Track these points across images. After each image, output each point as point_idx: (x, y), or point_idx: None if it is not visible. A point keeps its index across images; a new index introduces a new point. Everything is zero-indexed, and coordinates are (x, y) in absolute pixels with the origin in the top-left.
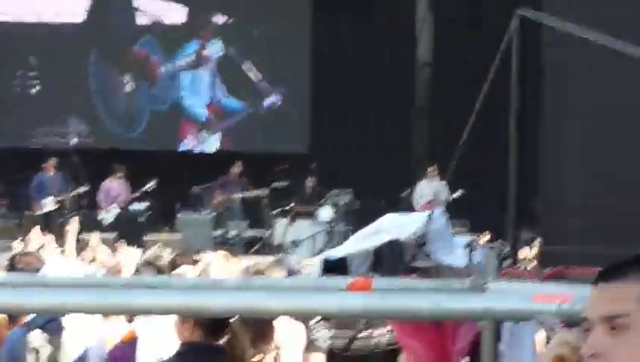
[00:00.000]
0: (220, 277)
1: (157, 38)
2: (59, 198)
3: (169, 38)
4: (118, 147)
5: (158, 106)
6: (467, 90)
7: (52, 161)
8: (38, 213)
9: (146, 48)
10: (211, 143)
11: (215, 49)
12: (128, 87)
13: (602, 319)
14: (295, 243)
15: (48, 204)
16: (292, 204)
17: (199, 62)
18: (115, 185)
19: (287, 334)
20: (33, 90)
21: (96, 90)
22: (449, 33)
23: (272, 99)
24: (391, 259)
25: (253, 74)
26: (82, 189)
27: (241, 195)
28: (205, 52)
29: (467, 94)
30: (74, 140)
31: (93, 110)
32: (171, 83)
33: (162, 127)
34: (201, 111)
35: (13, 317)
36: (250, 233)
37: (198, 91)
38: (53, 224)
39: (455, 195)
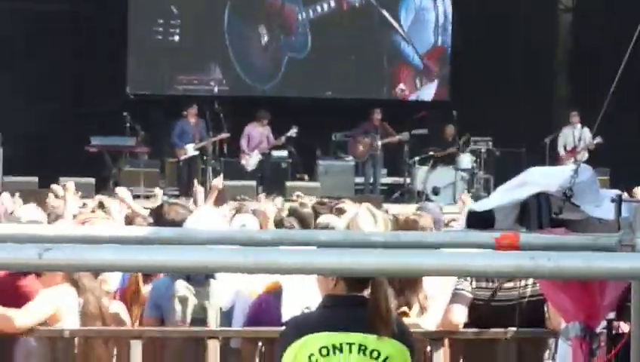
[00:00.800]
0: (368, 230)
1: None
2: (200, 145)
3: None
4: (256, 95)
5: (296, 54)
6: (614, 36)
7: (193, 109)
8: (182, 158)
9: None
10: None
11: None
12: (265, 38)
13: None
14: (436, 191)
15: (190, 150)
16: (432, 152)
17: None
18: (258, 132)
19: (435, 285)
20: (174, 38)
21: (231, 41)
22: None
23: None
24: (538, 212)
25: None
26: (224, 135)
27: (382, 141)
28: None
29: (614, 41)
30: (216, 88)
31: (229, 59)
32: (307, 30)
33: (300, 74)
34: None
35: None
36: (391, 180)
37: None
38: (194, 171)
39: (597, 141)
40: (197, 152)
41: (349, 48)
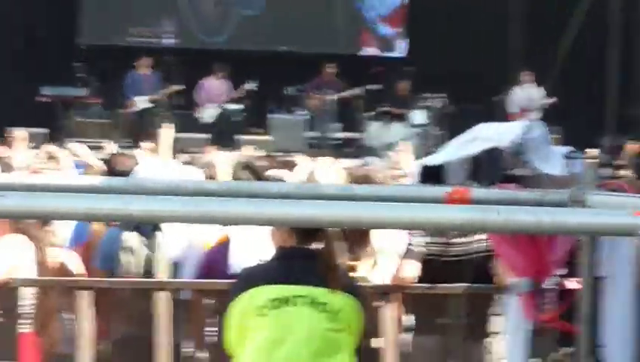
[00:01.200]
0: (321, 183)
1: None
2: (153, 97)
3: None
4: (208, 48)
5: (246, 10)
6: None
7: (145, 60)
8: (133, 110)
9: None
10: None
11: None
12: None
13: None
14: (389, 146)
15: (141, 103)
16: (386, 108)
17: None
18: (214, 85)
19: (384, 239)
20: None
21: None
22: None
23: None
24: (489, 167)
25: None
26: (176, 87)
27: (336, 96)
28: None
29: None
30: (167, 40)
31: (182, 12)
32: None
33: (253, 28)
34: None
35: None
36: (344, 135)
37: None
38: (147, 123)
39: (548, 101)
40: (149, 104)
41: (304, 4)
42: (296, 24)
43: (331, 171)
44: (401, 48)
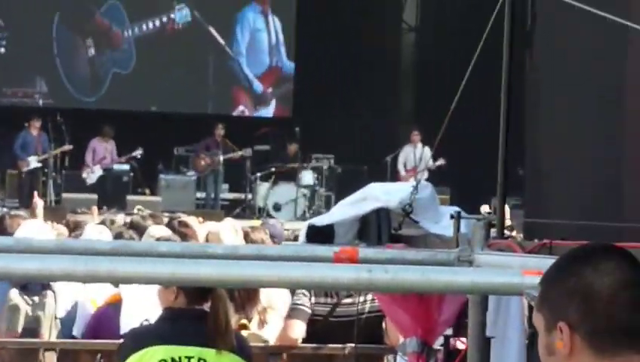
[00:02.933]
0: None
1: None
2: (43, 157)
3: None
4: (92, 108)
5: (120, 69)
6: (455, 55)
7: (36, 121)
8: (24, 170)
9: (109, 17)
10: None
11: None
12: (91, 51)
13: None
14: (277, 207)
15: (32, 163)
16: (274, 168)
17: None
18: (102, 147)
19: (272, 299)
20: (1, 50)
21: (59, 53)
22: None
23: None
24: (377, 227)
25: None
26: (66, 148)
27: (224, 157)
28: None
29: (455, 60)
30: (40, 101)
31: (56, 71)
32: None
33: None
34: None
35: None
36: (232, 196)
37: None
38: (36, 182)
39: (438, 163)
40: (39, 164)
41: (175, 65)
42: (166, 84)
43: (236, 231)
44: (284, 110)
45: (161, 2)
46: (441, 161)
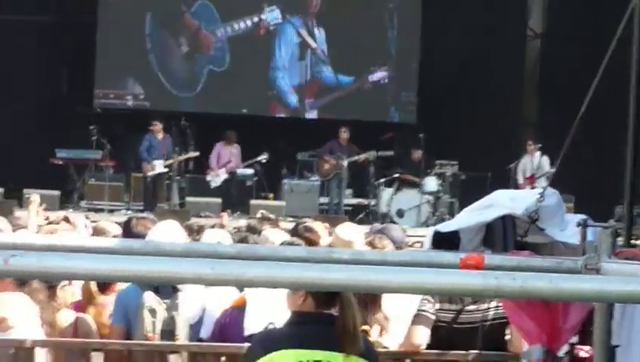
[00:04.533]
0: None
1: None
2: (169, 162)
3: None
4: (221, 113)
5: (216, 68)
6: (581, 63)
7: (159, 124)
8: (149, 174)
9: (198, 17)
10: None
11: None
12: (184, 49)
13: None
14: (400, 213)
15: (158, 167)
16: (398, 174)
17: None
18: (227, 150)
19: (395, 305)
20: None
21: (152, 52)
22: (562, 2)
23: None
24: (503, 234)
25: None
26: (193, 154)
27: (348, 160)
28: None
29: (581, 68)
30: (133, 102)
31: (150, 72)
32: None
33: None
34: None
35: (102, 284)
36: (355, 201)
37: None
38: (160, 187)
39: (553, 169)
40: (165, 169)
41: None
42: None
43: (353, 234)
44: (412, 115)
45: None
46: (555, 167)
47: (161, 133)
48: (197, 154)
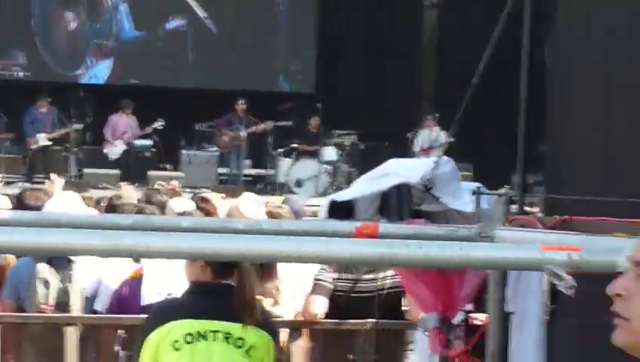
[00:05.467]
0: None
1: None
2: (52, 135)
3: None
4: (117, 83)
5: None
6: (477, 31)
7: (44, 97)
8: (32, 147)
9: None
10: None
11: None
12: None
13: (635, 262)
14: (299, 183)
15: (41, 140)
16: (296, 144)
17: None
18: (122, 121)
19: (291, 274)
20: None
21: (39, 25)
22: None
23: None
24: (398, 203)
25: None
26: (76, 126)
27: (246, 131)
28: None
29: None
30: (19, 73)
31: (35, 44)
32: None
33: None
34: None
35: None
36: (254, 171)
37: None
38: (51, 159)
39: (449, 139)
40: (49, 142)
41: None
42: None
43: (254, 206)
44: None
45: None
46: (450, 139)
47: (46, 107)
48: (80, 126)
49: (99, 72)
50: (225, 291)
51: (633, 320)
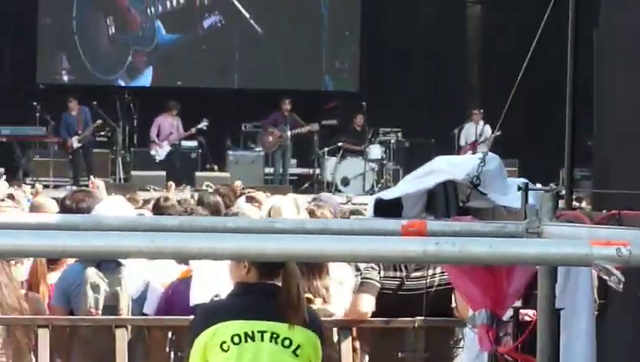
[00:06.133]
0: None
1: None
2: (81, 136)
3: None
4: (162, 85)
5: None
6: (521, 31)
7: (73, 101)
8: (69, 150)
9: None
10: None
11: None
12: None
13: None
14: (345, 181)
15: (75, 143)
16: (341, 143)
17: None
18: (168, 122)
19: (339, 273)
20: None
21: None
22: None
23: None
24: (445, 200)
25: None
26: (97, 123)
27: (291, 132)
28: None
29: (521, 36)
30: (66, 77)
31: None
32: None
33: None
34: None
35: (50, 261)
36: (300, 171)
37: None
38: (89, 162)
39: (495, 134)
40: (79, 144)
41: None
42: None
43: (293, 206)
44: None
45: None
46: (497, 133)
47: (75, 109)
48: (100, 122)
49: (142, 75)
50: (270, 291)
51: None
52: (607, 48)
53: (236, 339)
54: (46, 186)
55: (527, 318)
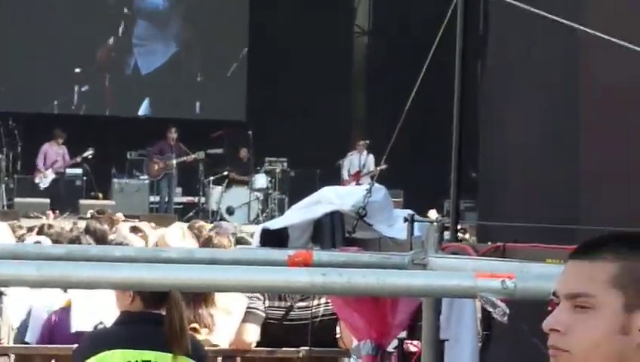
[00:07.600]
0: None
1: None
2: None
3: None
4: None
5: None
6: (408, 60)
7: None
8: None
9: None
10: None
11: None
12: None
13: (568, 296)
14: (230, 210)
15: None
16: (227, 172)
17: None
18: (54, 150)
19: (225, 302)
20: None
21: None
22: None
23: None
24: (331, 231)
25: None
26: None
27: (177, 160)
28: None
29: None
30: None
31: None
32: None
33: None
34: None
35: None
36: (185, 199)
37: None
38: None
39: (380, 167)
40: None
41: None
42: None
43: (184, 235)
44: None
45: None
46: (383, 166)
47: None
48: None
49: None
50: (155, 321)
51: (574, 351)
52: (493, 83)
53: None
54: None
55: (412, 348)
